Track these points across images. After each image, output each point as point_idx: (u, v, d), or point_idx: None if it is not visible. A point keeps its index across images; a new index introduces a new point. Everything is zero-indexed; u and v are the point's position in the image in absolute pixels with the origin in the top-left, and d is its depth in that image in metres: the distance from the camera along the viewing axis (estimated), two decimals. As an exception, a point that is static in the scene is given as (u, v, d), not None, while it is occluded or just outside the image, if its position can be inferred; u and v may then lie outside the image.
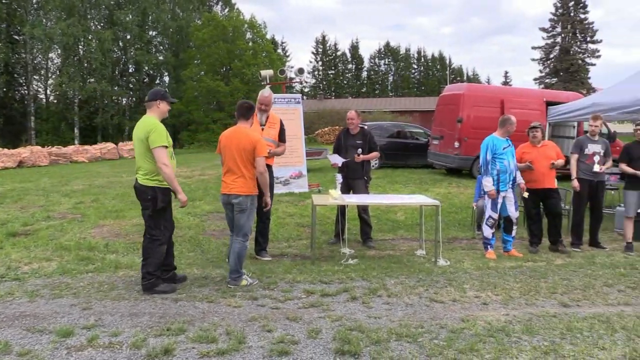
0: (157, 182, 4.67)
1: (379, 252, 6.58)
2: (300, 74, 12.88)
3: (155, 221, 4.73)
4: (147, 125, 4.63)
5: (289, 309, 4.33)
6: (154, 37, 40.79)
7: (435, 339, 3.72)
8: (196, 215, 8.48)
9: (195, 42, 36.90)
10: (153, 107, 4.80)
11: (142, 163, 4.68)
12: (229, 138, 5.00)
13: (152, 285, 4.70)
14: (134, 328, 3.85)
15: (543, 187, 6.66)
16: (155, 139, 4.55)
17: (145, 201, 4.69)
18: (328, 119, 34.11)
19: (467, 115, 13.36)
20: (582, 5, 48.47)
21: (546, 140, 6.95)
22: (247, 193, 4.91)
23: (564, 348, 3.61)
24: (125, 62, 38.73)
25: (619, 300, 4.75)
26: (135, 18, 36.46)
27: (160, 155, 4.54)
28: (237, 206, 4.92)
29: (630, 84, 9.43)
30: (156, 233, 4.73)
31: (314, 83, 60.69)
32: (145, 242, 4.80)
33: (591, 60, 48.61)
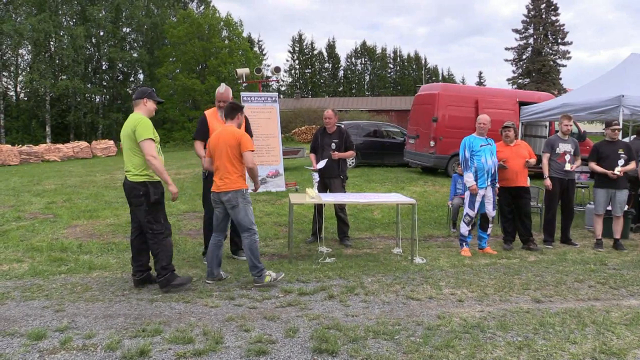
0: (147, 177, 4.66)
1: (356, 251, 6.61)
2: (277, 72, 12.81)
3: (154, 215, 4.70)
4: (134, 121, 4.64)
5: (266, 309, 4.32)
6: (128, 34, 40.06)
7: (411, 336, 3.76)
8: (171, 214, 8.38)
9: (171, 39, 36.37)
10: (140, 104, 4.83)
11: (130, 159, 4.67)
12: (216, 138, 5.01)
13: (168, 281, 4.70)
14: (109, 330, 3.79)
15: (516, 185, 6.78)
16: (142, 132, 4.56)
17: (138, 197, 4.65)
18: (305, 117, 34.09)
19: (442, 115, 13.52)
20: (553, 8, 49.57)
21: (519, 140, 7.08)
22: (236, 188, 4.90)
23: (536, 343, 3.69)
24: (99, 59, 37.95)
25: (589, 296, 4.88)
26: (109, 14, 35.76)
27: (148, 147, 4.55)
28: (227, 203, 4.93)
29: (599, 85, 9.69)
30: (157, 227, 4.71)
31: (291, 82, 60.57)
32: (149, 241, 4.75)
33: (562, 62, 49.81)
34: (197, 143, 5.72)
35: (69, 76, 32.97)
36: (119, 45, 37.22)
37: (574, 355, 3.50)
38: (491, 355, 3.47)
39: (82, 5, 34.73)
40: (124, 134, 4.71)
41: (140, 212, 4.69)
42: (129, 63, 38.72)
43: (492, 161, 6.45)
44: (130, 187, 4.68)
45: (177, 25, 36.29)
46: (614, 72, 9.89)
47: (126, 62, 38.31)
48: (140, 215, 4.70)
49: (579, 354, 3.51)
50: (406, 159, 15.18)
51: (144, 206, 4.65)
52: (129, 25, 39.45)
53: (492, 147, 6.52)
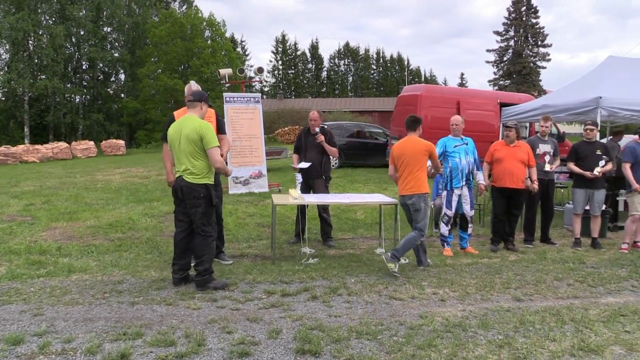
0: (208, 180, 4.80)
1: (339, 251, 6.62)
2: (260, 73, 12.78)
3: (208, 218, 4.83)
4: (199, 126, 4.71)
5: (249, 310, 4.31)
6: (109, 34, 39.56)
7: (394, 336, 3.78)
8: (153, 216, 8.30)
9: (152, 39, 36.01)
10: (197, 107, 4.90)
11: (192, 161, 4.74)
12: (401, 147, 5.74)
13: (205, 282, 4.77)
14: (89, 333, 3.73)
15: (508, 186, 6.76)
16: (210, 140, 4.69)
17: (198, 199, 4.75)
18: (288, 118, 34.04)
19: (425, 116, 13.56)
20: (534, 11, 50.33)
21: (520, 141, 7.07)
22: (421, 192, 5.53)
23: (517, 341, 3.74)
24: (79, 58, 37.41)
25: (568, 294, 4.96)
26: (89, 13, 35.28)
27: (216, 155, 4.71)
28: (412, 206, 5.54)
29: (577, 87, 9.86)
30: (209, 229, 4.83)
31: (274, 82, 60.41)
32: (198, 241, 4.82)
33: (542, 64, 50.57)
34: (164, 145, 5.52)
35: (48, 76, 32.44)
36: (100, 44, 36.74)
37: (554, 352, 3.55)
38: (473, 354, 3.51)
39: (62, 4, 34.17)
40: (184, 135, 4.72)
41: (197, 214, 4.78)
42: (110, 63, 38.25)
43: (466, 161, 6.49)
44: (190, 188, 4.75)
45: (159, 25, 35.97)
46: (592, 74, 10.07)
47: (107, 62, 37.82)
48: (196, 216, 4.79)
49: (558, 352, 3.57)
50: (389, 160, 15.24)
51: (202, 208, 4.77)
52: (109, 24, 38.97)
53: (468, 147, 6.56)
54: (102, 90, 38.40)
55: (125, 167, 17.02)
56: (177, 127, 4.83)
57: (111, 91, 40.48)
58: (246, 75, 12.25)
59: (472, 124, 6.82)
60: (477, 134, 7.38)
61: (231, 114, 10.66)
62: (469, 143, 6.60)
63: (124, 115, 37.54)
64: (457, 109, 13.29)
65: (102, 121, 35.80)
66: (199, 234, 4.83)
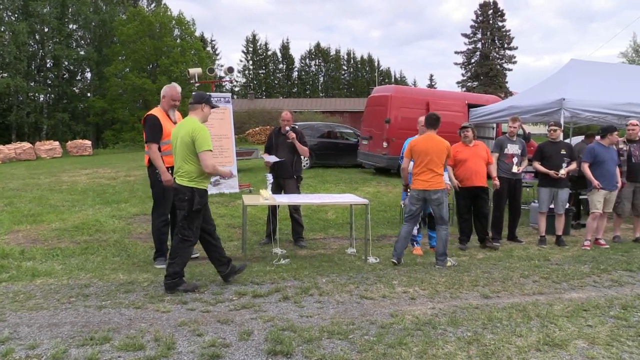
0: (196, 184, 4.72)
1: (310, 252, 6.63)
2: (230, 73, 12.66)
3: (189, 222, 4.75)
4: (194, 130, 4.65)
5: (220, 312, 4.27)
6: (75, 31, 38.63)
7: (365, 335, 3.80)
8: (121, 218, 8.14)
9: (120, 37, 35.29)
10: (197, 109, 4.85)
11: (182, 164, 4.73)
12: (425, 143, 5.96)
13: (175, 285, 4.72)
14: (54, 339, 3.63)
15: (474, 185, 6.90)
16: (202, 143, 4.61)
17: (182, 201, 4.72)
18: (259, 118, 33.81)
19: (395, 116, 13.75)
20: (500, 14, 51.49)
21: (477, 141, 7.23)
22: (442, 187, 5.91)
23: (485, 337, 3.81)
24: (43, 56, 36.38)
25: (534, 290, 5.08)
26: (54, 10, 34.35)
27: (206, 159, 4.63)
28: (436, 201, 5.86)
29: (542, 88, 10.15)
30: (188, 234, 4.77)
31: (245, 82, 59.96)
32: (175, 242, 4.81)
33: (508, 66, 51.81)
34: (154, 146, 5.51)
35: (11, 74, 31.46)
36: (65, 42, 35.85)
37: (520, 347, 3.64)
38: (442, 351, 3.56)
39: (25, 0, 33.20)
40: (179, 137, 4.71)
41: (179, 215, 4.79)
42: (76, 61, 37.36)
43: None
44: (177, 189, 4.76)
45: (126, 22, 35.29)
46: (555, 77, 10.37)
47: (72, 60, 36.94)
48: (179, 218, 4.81)
49: (524, 347, 3.65)
50: (360, 160, 15.34)
51: (184, 211, 4.72)
52: (75, 22, 38.06)
53: None
54: (68, 89, 37.44)
55: (92, 168, 16.63)
56: (176, 129, 4.85)
57: (77, 90, 39.51)
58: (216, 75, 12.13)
59: (441, 124, 6.89)
60: (446, 134, 7.46)
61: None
62: None
63: (91, 114, 36.70)
64: (427, 110, 13.41)
65: (68, 121, 34.94)
66: (177, 235, 4.80)
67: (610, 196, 7.22)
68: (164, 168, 5.48)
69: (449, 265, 5.91)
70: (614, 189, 7.21)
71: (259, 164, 15.90)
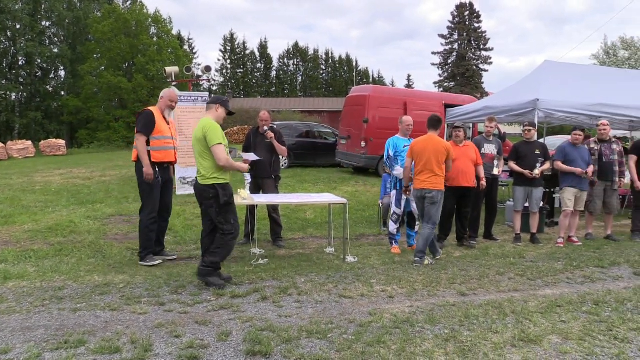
0: (216, 179, 4.87)
1: (289, 251, 6.62)
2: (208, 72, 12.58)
3: (224, 217, 4.92)
4: (205, 126, 4.84)
5: (198, 313, 4.24)
6: (48, 28, 37.78)
7: (344, 334, 3.82)
8: (97, 219, 8.01)
9: (95, 35, 34.62)
10: (212, 109, 5.05)
11: (201, 162, 4.90)
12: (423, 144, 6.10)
13: (208, 274, 4.87)
14: (27, 343, 3.56)
15: (461, 185, 6.93)
16: (212, 137, 4.79)
17: (208, 199, 4.89)
18: (237, 118, 33.59)
19: (373, 116, 13.82)
20: (476, 16, 52.22)
21: (467, 141, 7.30)
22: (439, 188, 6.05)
23: (462, 334, 3.86)
24: (15, 53, 35.48)
25: (510, 287, 5.17)
26: (26, 6, 33.52)
27: (218, 152, 4.80)
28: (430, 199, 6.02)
29: (517, 89, 10.32)
30: (228, 228, 4.93)
31: (222, 82, 59.45)
32: (217, 239, 4.95)
33: (484, 67, 52.58)
34: (143, 138, 5.60)
35: (-19, 72, 30.62)
36: (38, 39, 35.03)
37: (496, 344, 3.70)
38: (420, 349, 3.60)
39: (-5, -4, 32.38)
40: (194, 137, 4.91)
41: (212, 213, 4.93)
42: (49, 59, 36.55)
43: None
44: (201, 189, 4.91)
45: (101, 20, 34.63)
46: (530, 78, 10.57)
47: (45, 58, 36.13)
48: (213, 215, 4.93)
49: (500, 343, 3.71)
50: (338, 160, 15.38)
51: (215, 208, 4.89)
52: (48, 18, 37.24)
53: None
54: (41, 87, 36.62)
55: (66, 168, 16.31)
56: (194, 130, 4.99)
57: (50, 88, 38.65)
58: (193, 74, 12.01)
59: (419, 124, 6.98)
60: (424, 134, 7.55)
61: (178, 113, 10.41)
62: None
63: (65, 113, 35.95)
64: (404, 110, 13.57)
65: (41, 120, 34.18)
66: (218, 230, 4.97)
67: (581, 195, 7.39)
68: (148, 161, 5.59)
69: (426, 264, 5.97)
70: (585, 189, 7.38)
71: (237, 164, 15.81)
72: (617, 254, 6.72)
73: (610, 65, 29.29)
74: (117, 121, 33.21)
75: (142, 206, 5.82)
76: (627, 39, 31.19)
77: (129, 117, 32.45)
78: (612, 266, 6.10)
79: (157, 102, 6.01)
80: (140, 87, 32.52)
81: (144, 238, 5.76)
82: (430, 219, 6.07)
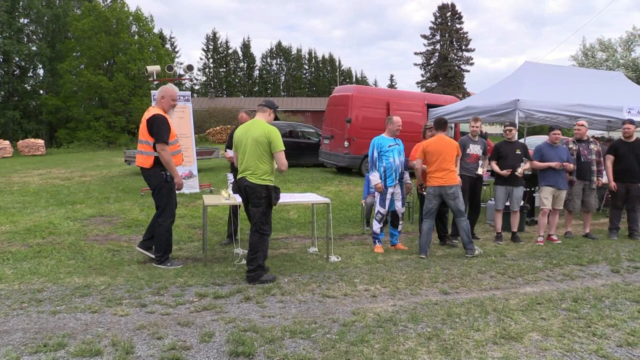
0: (269, 181, 5.12)
1: (272, 251, 6.60)
2: (190, 71, 12.44)
3: (266, 217, 5.16)
4: (269, 132, 5.07)
5: (180, 314, 4.20)
6: (26, 25, 37.06)
7: (328, 334, 3.82)
8: (76, 219, 7.89)
9: (74, 32, 34.04)
10: (266, 113, 5.29)
11: (257, 164, 5.06)
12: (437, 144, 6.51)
13: (258, 277, 5.04)
14: (5, 347, 3.49)
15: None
16: (278, 144, 5.07)
17: (259, 199, 5.07)
18: (220, 117, 33.42)
19: (356, 116, 13.86)
20: (458, 17, 52.69)
21: None
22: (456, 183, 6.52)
23: (444, 332, 3.90)
24: (-9, 51, 34.82)
25: (491, 285, 5.23)
26: (3, 3, 32.85)
27: (283, 158, 5.07)
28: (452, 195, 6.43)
29: (498, 90, 10.45)
30: (266, 228, 5.16)
31: (205, 81, 59.05)
32: (254, 238, 5.11)
33: (466, 67, 53.05)
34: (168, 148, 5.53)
35: (-44, 69, 29.93)
36: (15, 37, 34.33)
37: (478, 341, 3.74)
38: (403, 347, 3.62)
39: (-29, -8, 31.70)
40: (252, 138, 5.05)
41: (258, 212, 5.09)
42: (27, 57, 35.84)
43: (399, 160, 6.69)
44: (253, 188, 5.07)
45: (81, 17, 34.11)
46: (510, 78, 10.70)
47: (24, 56, 35.43)
48: (257, 215, 5.10)
49: (482, 340, 3.76)
50: (321, 159, 15.39)
51: (263, 207, 5.09)
52: (26, 15, 36.51)
53: (400, 147, 6.77)
54: (19, 85, 35.89)
55: (45, 168, 16.05)
56: (244, 130, 5.17)
57: (29, 87, 37.91)
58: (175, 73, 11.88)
59: (401, 124, 7.02)
60: (407, 134, 7.62)
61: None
62: (400, 144, 6.80)
63: (43, 112, 35.30)
64: (387, 110, 13.64)
65: (19, 119, 33.51)
66: (256, 231, 5.11)
67: (560, 193, 7.50)
68: (177, 171, 5.64)
69: (477, 254, 6.44)
70: (563, 188, 7.50)
71: (220, 164, 15.72)
72: (595, 252, 6.84)
73: (589, 66, 29.81)
74: (97, 120, 32.72)
75: (160, 211, 5.71)
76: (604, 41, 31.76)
77: (109, 117, 32.05)
78: (591, 264, 6.22)
79: (140, 101, 5.94)
80: (121, 86, 32.10)
81: (165, 242, 5.69)
82: (459, 211, 6.47)
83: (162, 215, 5.70)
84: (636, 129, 8.15)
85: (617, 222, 8.03)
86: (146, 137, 5.55)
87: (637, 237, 7.81)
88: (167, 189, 5.64)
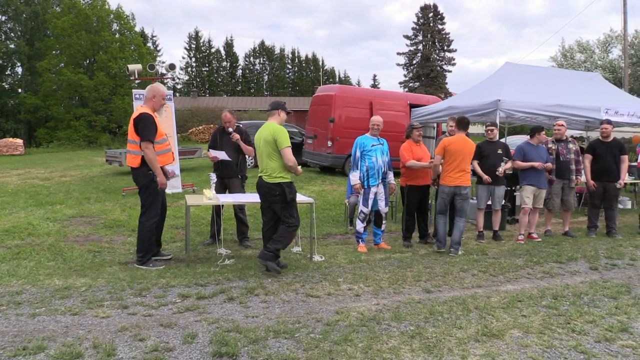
0: (282, 179, 5.31)
1: (255, 251, 6.57)
2: (172, 69, 12.34)
3: (289, 211, 5.38)
4: (274, 130, 5.27)
5: (162, 315, 4.17)
6: (4, 23, 36.38)
7: (311, 333, 3.83)
8: (56, 220, 7.77)
9: (54, 30, 33.47)
10: (275, 114, 5.46)
11: (268, 163, 5.32)
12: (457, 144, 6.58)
13: (270, 258, 5.28)
14: (-18, 350, 3.43)
15: (423, 184, 7.09)
16: (283, 141, 5.23)
17: (274, 197, 5.33)
18: (202, 117, 33.20)
19: (339, 116, 13.88)
20: (440, 17, 53.11)
21: None
22: None
23: (427, 331, 3.93)
24: (-33, 49, 34.12)
25: (473, 283, 5.29)
26: (-21, 0, 32.29)
27: (288, 154, 5.24)
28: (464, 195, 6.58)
29: (479, 90, 10.56)
30: (292, 221, 5.39)
31: (187, 80, 58.53)
32: (281, 230, 5.39)
33: (448, 67, 53.48)
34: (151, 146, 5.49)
35: None
36: (-8, 35, 33.70)
37: (460, 339, 3.78)
38: (387, 346, 3.64)
39: (-54, -11, 30.97)
40: (262, 139, 5.33)
41: (277, 208, 5.38)
42: (5, 55, 35.20)
43: (382, 160, 6.72)
44: (268, 187, 5.35)
45: (61, 15, 33.55)
46: (491, 79, 10.83)
47: (1, 54, 34.78)
48: (278, 210, 5.39)
49: (464, 338, 3.80)
50: (305, 159, 15.38)
51: (280, 203, 5.34)
52: (4, 12, 35.84)
53: (384, 147, 6.80)
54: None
55: (23, 168, 15.77)
56: (258, 133, 5.43)
57: (7, 85, 37.23)
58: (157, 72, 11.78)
59: (385, 124, 7.07)
60: (389, 133, 7.67)
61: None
62: (384, 144, 6.83)
63: (22, 111, 34.67)
64: (370, 110, 13.69)
65: (-4, 118, 32.94)
66: (283, 223, 5.40)
67: (540, 192, 7.62)
68: (160, 171, 5.58)
69: (460, 254, 6.53)
70: (543, 187, 7.62)
71: (203, 163, 15.62)
72: (575, 250, 6.97)
73: (568, 67, 30.32)
74: (77, 120, 32.23)
75: (144, 210, 5.68)
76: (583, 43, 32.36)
77: (90, 116, 31.59)
78: (570, 261, 6.33)
79: (122, 100, 5.89)
80: (102, 85, 31.64)
81: (146, 242, 5.65)
82: (463, 212, 6.64)
83: (145, 214, 5.68)
84: (613, 129, 8.30)
85: (596, 220, 8.19)
86: (133, 136, 5.54)
87: (615, 235, 7.97)
88: (153, 188, 5.62)
